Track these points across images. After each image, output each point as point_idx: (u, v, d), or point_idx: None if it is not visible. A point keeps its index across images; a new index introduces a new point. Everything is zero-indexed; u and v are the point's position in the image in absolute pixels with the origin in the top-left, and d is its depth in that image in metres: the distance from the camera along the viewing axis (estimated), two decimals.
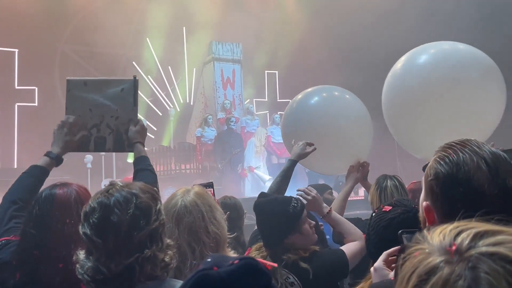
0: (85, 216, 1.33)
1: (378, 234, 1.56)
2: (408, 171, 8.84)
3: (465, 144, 1.11)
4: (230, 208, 2.67)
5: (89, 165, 9.25)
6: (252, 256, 1.14)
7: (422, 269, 0.63)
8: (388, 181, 2.84)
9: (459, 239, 0.64)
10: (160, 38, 11.72)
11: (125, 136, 2.22)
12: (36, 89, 10.83)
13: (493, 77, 3.16)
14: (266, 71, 13.19)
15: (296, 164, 2.88)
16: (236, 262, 0.82)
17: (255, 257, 1.14)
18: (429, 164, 1.14)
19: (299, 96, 3.81)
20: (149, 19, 11.48)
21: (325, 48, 11.78)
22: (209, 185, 2.29)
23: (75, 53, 11.35)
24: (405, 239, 1.14)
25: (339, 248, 2.30)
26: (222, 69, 11.95)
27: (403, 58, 3.41)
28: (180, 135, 11.80)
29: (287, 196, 2.35)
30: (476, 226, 0.66)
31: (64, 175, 2.33)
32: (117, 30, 10.48)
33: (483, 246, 0.62)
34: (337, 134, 3.45)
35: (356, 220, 2.70)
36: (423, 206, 1.12)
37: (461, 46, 3.31)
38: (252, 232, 2.60)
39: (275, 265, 1.80)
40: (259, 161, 10.70)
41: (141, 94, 2.22)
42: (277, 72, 13.30)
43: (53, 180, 1.91)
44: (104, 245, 1.28)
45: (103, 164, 9.74)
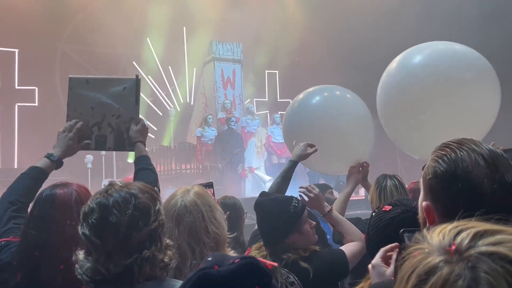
0: (84, 216, 1.33)
1: (378, 234, 1.56)
2: (409, 170, 8.86)
3: (462, 143, 1.12)
4: (229, 208, 2.67)
5: (90, 165, 9.25)
6: (252, 256, 1.15)
7: (421, 269, 0.63)
8: (388, 180, 2.84)
9: (458, 239, 0.64)
10: (160, 38, 11.72)
11: (126, 135, 2.20)
12: (36, 89, 10.83)
13: (487, 77, 3.15)
14: (266, 71, 13.19)
15: (296, 165, 2.88)
16: (236, 261, 0.82)
17: (256, 257, 1.14)
18: (426, 164, 1.14)
19: (300, 96, 3.80)
20: (149, 19, 11.47)
21: (325, 48, 11.79)
22: (209, 185, 2.29)
23: (75, 53, 11.34)
24: (407, 238, 1.14)
25: (339, 248, 2.30)
26: (223, 69, 11.94)
27: (398, 58, 3.39)
28: (180, 135, 11.79)
29: (288, 195, 2.34)
30: (475, 225, 0.66)
31: (64, 175, 2.32)
32: (117, 30, 10.47)
33: (482, 246, 0.61)
34: (338, 134, 3.45)
35: (356, 220, 2.70)
36: (423, 206, 1.12)
37: (457, 46, 3.29)
38: (252, 232, 2.60)
39: (275, 264, 1.79)
40: (260, 162, 10.70)
41: (141, 94, 2.23)
42: (277, 71, 13.30)
43: (53, 180, 1.90)
44: (103, 246, 1.28)
45: (103, 164, 9.74)
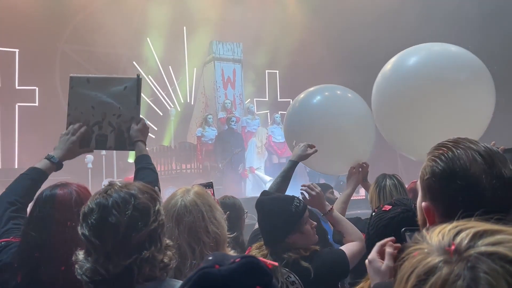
0: (83, 216, 1.33)
1: (378, 234, 1.56)
2: (409, 170, 8.84)
3: (458, 141, 1.12)
4: (229, 208, 2.67)
5: (90, 165, 9.25)
6: (253, 255, 1.15)
7: (421, 269, 0.63)
8: (387, 180, 2.83)
9: (458, 239, 0.64)
10: (160, 38, 11.72)
11: (126, 134, 2.19)
12: (37, 89, 10.83)
13: (482, 78, 3.15)
14: (266, 71, 13.19)
15: (296, 165, 2.88)
16: (237, 260, 0.83)
17: (256, 256, 1.14)
18: (423, 165, 1.14)
19: (301, 95, 3.79)
20: (149, 19, 11.47)
21: (325, 48, 11.78)
22: (209, 185, 2.29)
23: (75, 53, 11.34)
24: (408, 237, 1.14)
25: (339, 248, 2.30)
26: (223, 68, 11.95)
27: (393, 60, 3.38)
28: (180, 134, 11.79)
29: (290, 195, 2.35)
30: (475, 225, 0.66)
31: (64, 175, 2.32)
32: (117, 30, 10.48)
33: (482, 246, 0.61)
34: (339, 134, 3.44)
35: (355, 220, 2.71)
36: (423, 206, 1.12)
37: (452, 48, 3.28)
38: (252, 232, 2.60)
39: (276, 264, 1.79)
40: (260, 162, 10.70)
41: (142, 94, 2.24)
42: (277, 71, 13.30)
43: (53, 180, 1.89)
44: (102, 246, 1.27)
45: (103, 164, 9.74)
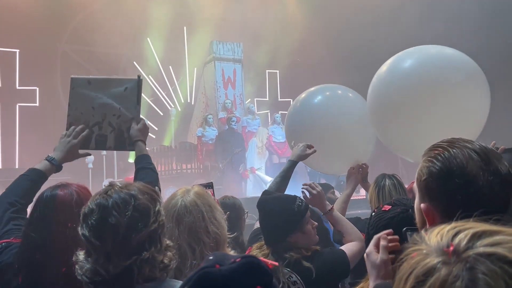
0: (83, 217, 1.33)
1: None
2: (409, 170, 8.84)
3: (453, 141, 1.13)
4: (229, 208, 2.67)
5: (90, 165, 9.23)
6: (253, 255, 1.15)
7: (419, 270, 0.63)
8: (387, 180, 2.83)
9: (456, 240, 0.64)
10: (160, 38, 11.72)
11: (126, 134, 2.20)
12: (37, 89, 10.83)
13: (477, 80, 3.13)
14: (267, 71, 13.19)
15: (296, 165, 2.88)
16: (238, 260, 0.83)
17: (257, 256, 1.14)
18: (419, 167, 1.14)
19: (302, 95, 3.79)
20: (150, 19, 11.47)
21: (325, 48, 11.78)
22: (209, 185, 2.29)
23: (75, 53, 11.34)
24: (409, 236, 1.14)
25: (339, 248, 2.30)
26: (223, 68, 11.94)
27: (388, 62, 3.35)
28: (181, 134, 11.79)
29: (292, 194, 2.35)
30: (473, 226, 0.66)
31: (65, 175, 2.32)
32: (117, 30, 10.48)
33: (480, 247, 0.61)
34: (340, 133, 3.44)
35: (355, 220, 2.71)
36: (422, 208, 1.12)
37: (447, 50, 3.25)
38: (252, 232, 2.60)
39: (276, 264, 1.80)
40: (261, 162, 10.69)
41: (142, 94, 2.25)
42: (278, 71, 13.30)
43: (54, 180, 1.90)
44: (102, 247, 1.28)
45: (104, 164, 9.74)
